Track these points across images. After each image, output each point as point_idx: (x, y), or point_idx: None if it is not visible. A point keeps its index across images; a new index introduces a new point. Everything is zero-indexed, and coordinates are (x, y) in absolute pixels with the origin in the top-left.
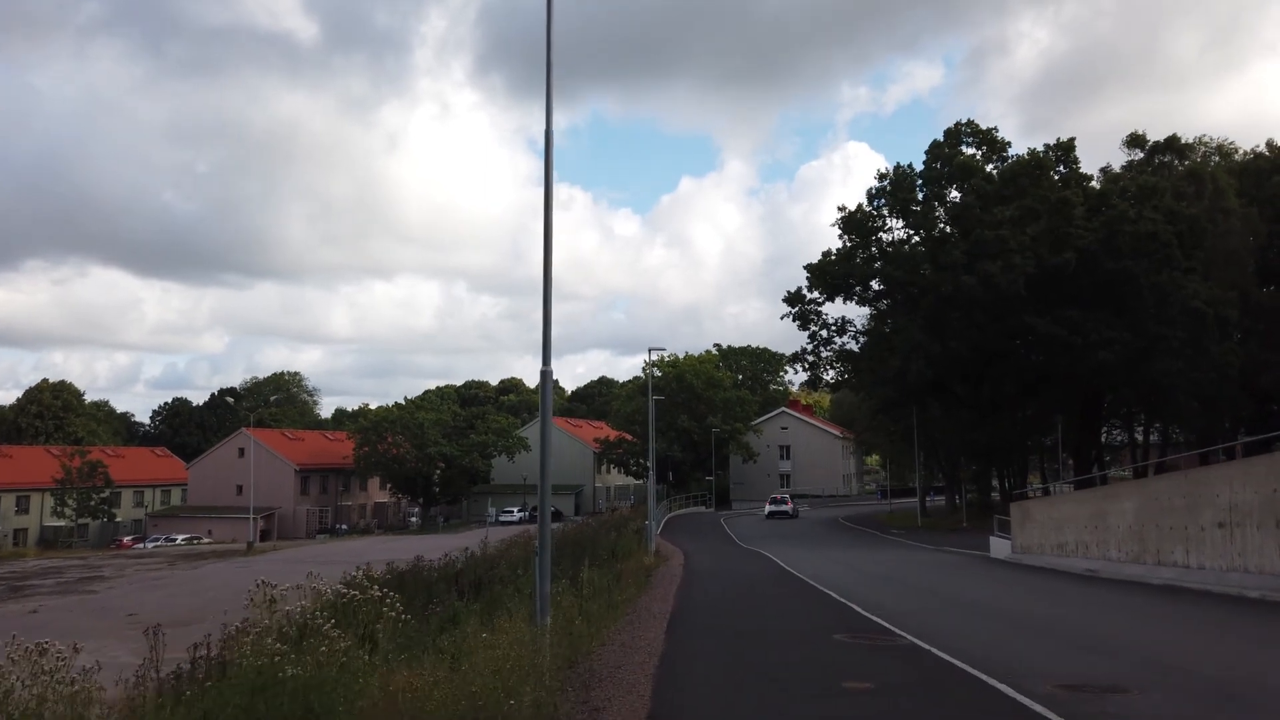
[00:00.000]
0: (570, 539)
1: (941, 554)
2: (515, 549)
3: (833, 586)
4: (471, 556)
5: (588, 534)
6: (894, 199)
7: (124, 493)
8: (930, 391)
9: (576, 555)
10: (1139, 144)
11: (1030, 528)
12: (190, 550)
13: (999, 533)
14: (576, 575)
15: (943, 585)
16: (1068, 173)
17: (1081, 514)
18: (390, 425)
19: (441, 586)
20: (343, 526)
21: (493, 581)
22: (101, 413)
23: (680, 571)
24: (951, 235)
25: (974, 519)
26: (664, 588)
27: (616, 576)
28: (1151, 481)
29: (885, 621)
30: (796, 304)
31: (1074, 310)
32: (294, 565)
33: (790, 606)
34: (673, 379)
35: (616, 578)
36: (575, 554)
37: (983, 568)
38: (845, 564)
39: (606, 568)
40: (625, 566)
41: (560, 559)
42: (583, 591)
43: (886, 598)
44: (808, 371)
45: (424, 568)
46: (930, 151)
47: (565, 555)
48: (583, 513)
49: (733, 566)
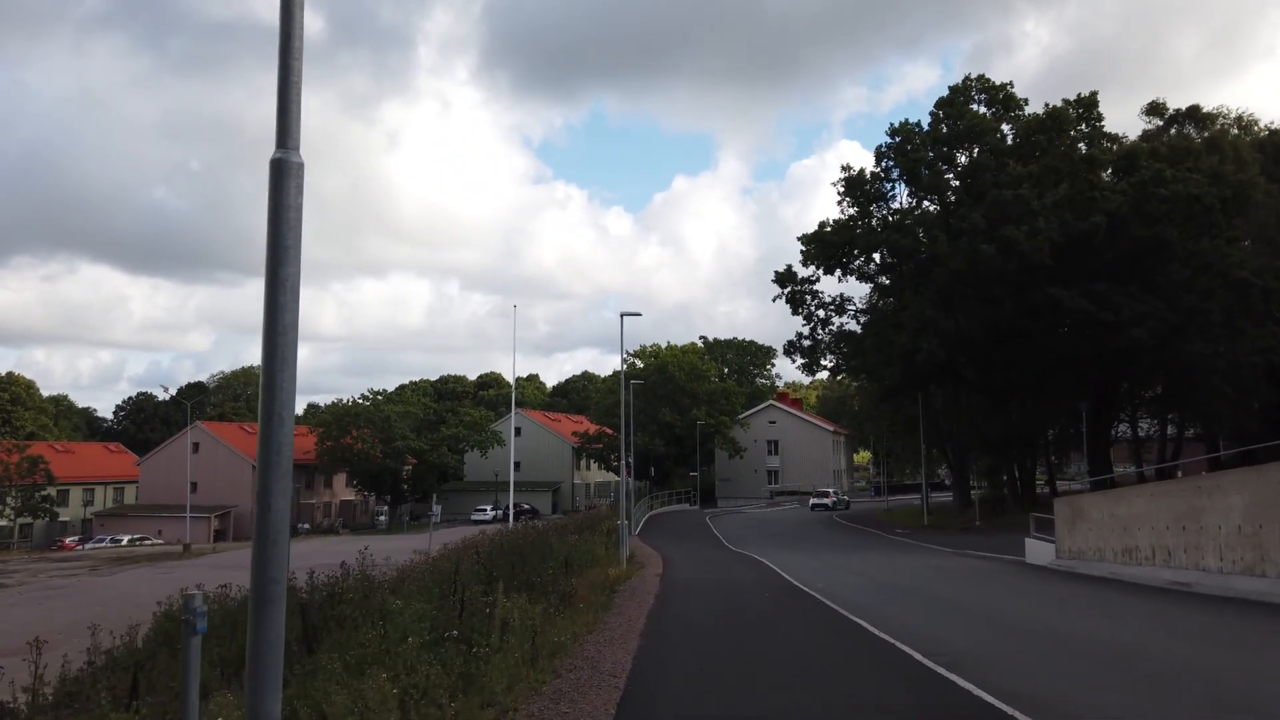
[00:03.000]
0: (510, 547)
1: (966, 559)
2: (437, 563)
3: (860, 610)
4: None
5: (534, 539)
6: (904, 157)
7: (72, 490)
8: (940, 375)
9: (513, 570)
10: (1158, 112)
11: (1083, 528)
12: (126, 553)
13: (1037, 534)
14: (488, 609)
15: (1001, 606)
16: (1090, 131)
17: (1161, 512)
18: (354, 418)
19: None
20: (304, 526)
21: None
22: (59, 407)
23: (655, 585)
24: (964, 200)
25: (987, 517)
26: (629, 614)
27: (563, 599)
28: (1273, 469)
29: (980, 689)
30: (788, 284)
31: (1103, 283)
32: (220, 572)
33: (813, 651)
34: (655, 370)
35: (563, 601)
36: (513, 568)
37: (1033, 580)
38: (858, 573)
39: (552, 587)
40: (582, 581)
41: (476, 580)
42: (483, 641)
43: (936, 627)
44: (803, 357)
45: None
46: (938, 108)
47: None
48: (560, 510)
49: (723, 577)
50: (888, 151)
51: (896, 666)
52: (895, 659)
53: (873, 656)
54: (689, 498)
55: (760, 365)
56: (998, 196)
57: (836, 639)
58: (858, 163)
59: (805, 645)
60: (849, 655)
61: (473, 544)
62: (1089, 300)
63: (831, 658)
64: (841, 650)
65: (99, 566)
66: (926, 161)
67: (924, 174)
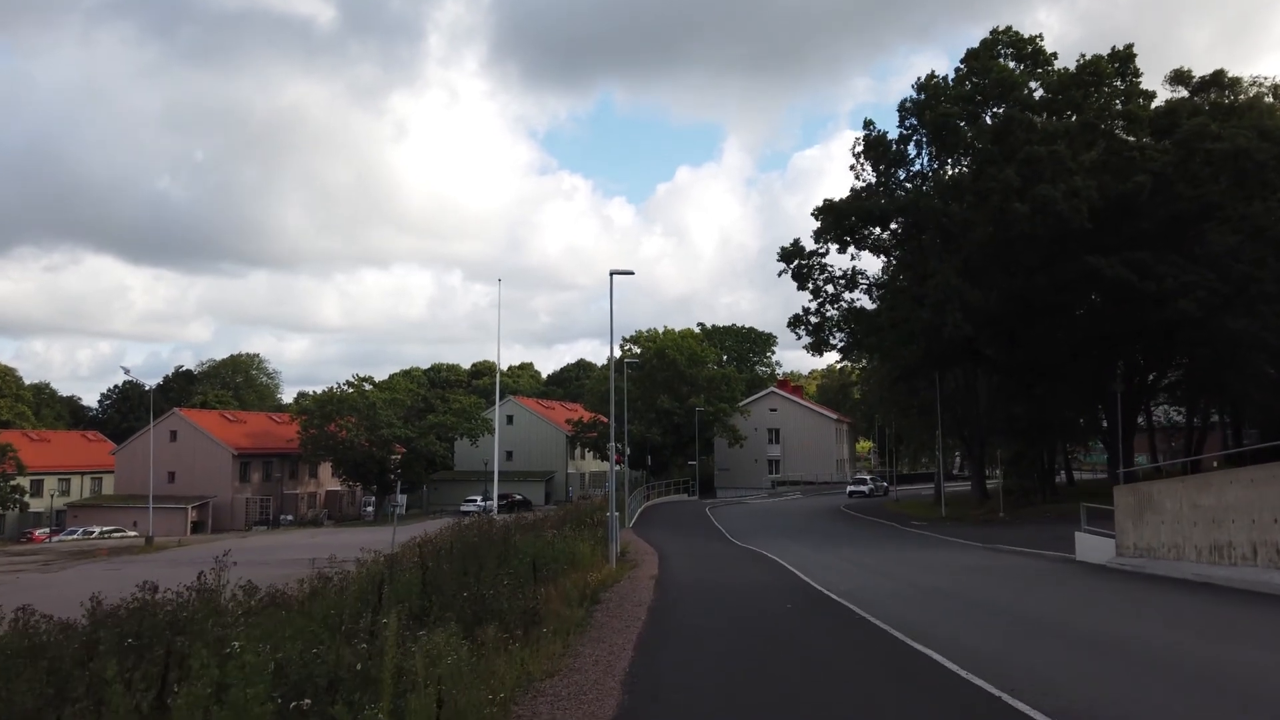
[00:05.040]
0: (466, 548)
1: (1005, 556)
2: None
3: (915, 629)
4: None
5: (496, 537)
6: (929, 110)
7: (45, 480)
8: (962, 354)
9: (463, 579)
10: (1183, 80)
11: (1153, 521)
12: (89, 546)
13: (1090, 527)
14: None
15: (1090, 624)
16: (1127, 87)
17: (1266, 501)
18: (338, 405)
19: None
20: (287, 518)
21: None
22: (41, 396)
23: (649, 593)
24: (994, 159)
25: (1009, 508)
26: (612, 640)
27: (524, 620)
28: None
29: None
30: (794, 258)
31: (1145, 250)
32: (174, 569)
33: (883, 703)
34: (653, 355)
35: (524, 622)
36: (463, 575)
37: (1103, 583)
38: (888, 574)
39: (507, 604)
40: (556, 590)
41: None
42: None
43: (1031, 658)
44: (810, 335)
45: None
46: (964, 63)
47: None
48: (554, 501)
49: (730, 579)
50: (912, 108)
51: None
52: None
53: (955, 702)
54: (687, 488)
55: (760, 353)
56: (1031, 153)
57: (904, 683)
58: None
59: (865, 689)
60: (923, 705)
61: (430, 541)
62: (1130, 269)
63: (896, 705)
64: (924, 707)
65: (52, 561)
66: (954, 117)
67: (951, 130)
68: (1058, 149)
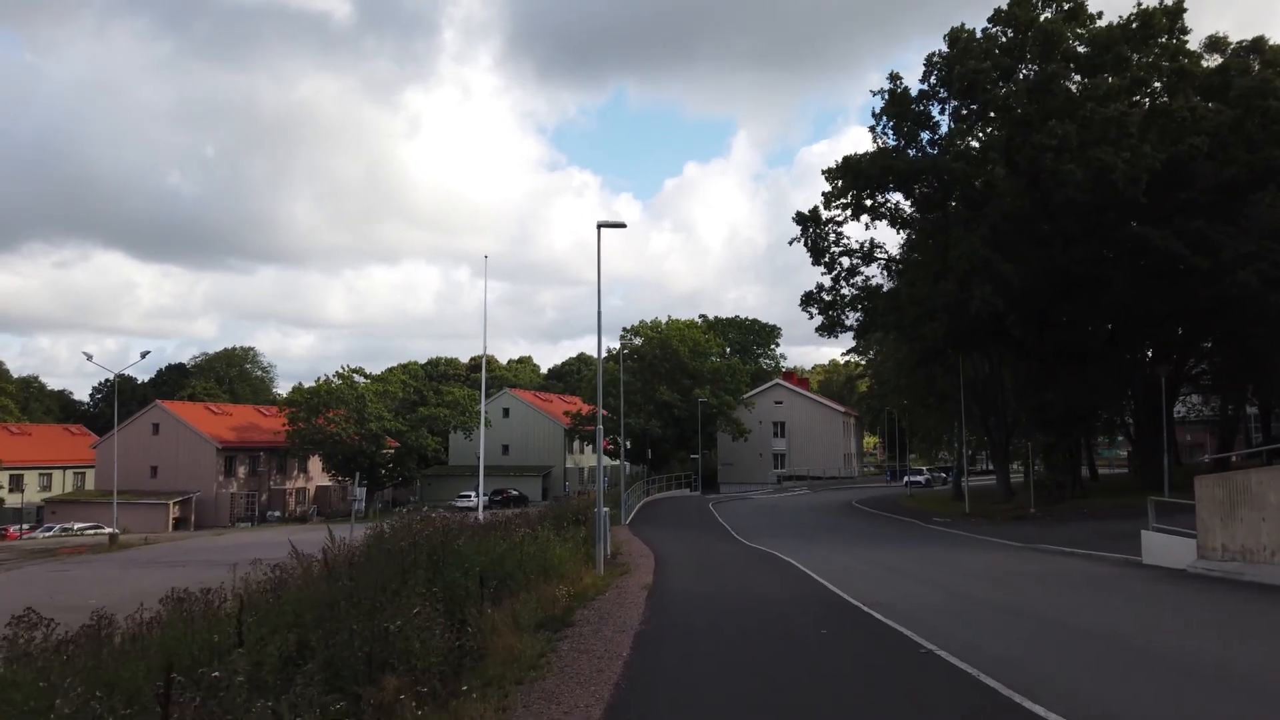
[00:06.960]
0: (388, 556)
1: (1054, 559)
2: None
3: (1007, 673)
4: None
5: (435, 541)
6: (959, 65)
7: (26, 474)
8: (987, 335)
9: (369, 604)
10: (1218, 48)
11: (1249, 519)
12: (55, 543)
13: (1159, 524)
14: None
15: (1215, 651)
16: (1176, 45)
17: None
18: (327, 398)
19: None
20: (275, 514)
21: None
22: (29, 389)
23: (639, 610)
24: (1031, 120)
25: (1041, 504)
26: (569, 697)
27: (451, 662)
28: None
29: None
30: (810, 225)
31: (1199, 219)
32: (128, 570)
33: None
34: (655, 345)
35: (451, 665)
36: (380, 593)
37: (1195, 594)
38: (925, 579)
39: (426, 636)
40: (506, 612)
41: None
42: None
43: (1166, 704)
44: (823, 313)
45: None
46: (995, 19)
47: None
48: (551, 496)
49: (740, 588)
50: (940, 62)
51: None
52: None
53: None
54: (689, 482)
55: (765, 345)
56: (1093, 113)
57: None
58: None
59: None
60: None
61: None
62: (1182, 240)
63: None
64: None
65: (6, 560)
66: (985, 73)
67: (982, 89)
68: (1125, 110)
